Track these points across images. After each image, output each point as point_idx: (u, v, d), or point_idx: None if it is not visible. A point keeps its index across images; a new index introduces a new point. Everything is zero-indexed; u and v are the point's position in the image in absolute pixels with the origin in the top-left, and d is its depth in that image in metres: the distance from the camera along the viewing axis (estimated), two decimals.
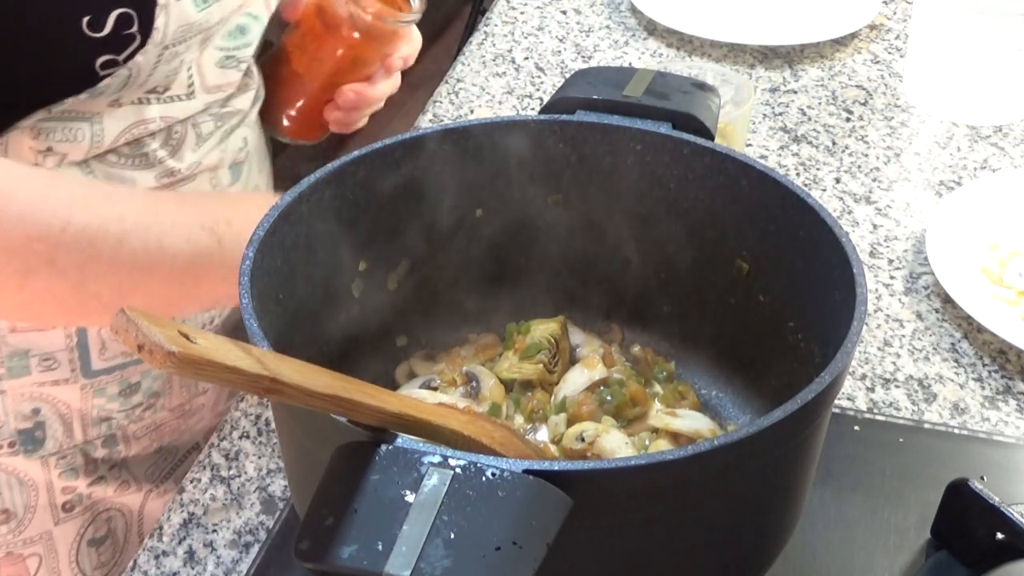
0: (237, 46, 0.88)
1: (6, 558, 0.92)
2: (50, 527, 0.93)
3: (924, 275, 1.02)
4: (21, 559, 0.92)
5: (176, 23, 0.78)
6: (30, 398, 0.88)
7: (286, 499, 0.81)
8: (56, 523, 0.93)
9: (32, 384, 0.87)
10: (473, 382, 0.78)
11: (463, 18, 3.05)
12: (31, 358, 0.86)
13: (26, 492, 0.91)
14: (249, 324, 0.59)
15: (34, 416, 0.89)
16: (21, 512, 0.91)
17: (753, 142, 1.20)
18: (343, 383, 0.51)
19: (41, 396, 0.88)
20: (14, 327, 0.85)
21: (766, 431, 0.54)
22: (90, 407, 0.90)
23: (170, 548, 0.78)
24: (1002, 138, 1.22)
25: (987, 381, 0.91)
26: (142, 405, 0.94)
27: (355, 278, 0.76)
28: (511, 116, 0.78)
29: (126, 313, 0.44)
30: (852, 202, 1.12)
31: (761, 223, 0.73)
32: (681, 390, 0.80)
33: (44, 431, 0.89)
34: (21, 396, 0.88)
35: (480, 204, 0.78)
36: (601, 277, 0.82)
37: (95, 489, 0.94)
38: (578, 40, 1.41)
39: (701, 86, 0.80)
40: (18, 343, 0.86)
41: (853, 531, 0.76)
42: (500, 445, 0.60)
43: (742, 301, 0.76)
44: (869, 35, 1.41)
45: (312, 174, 0.70)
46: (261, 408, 0.89)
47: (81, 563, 0.95)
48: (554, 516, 0.49)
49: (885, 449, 0.82)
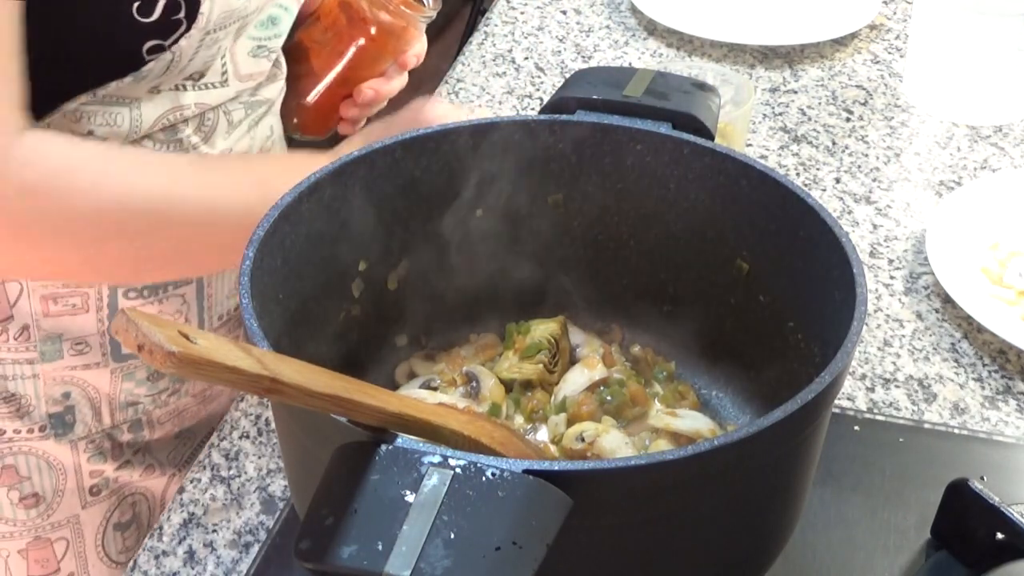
0: (268, 36, 0.90)
1: (34, 542, 0.93)
2: (78, 511, 0.94)
3: (924, 275, 1.02)
4: (49, 543, 0.94)
5: (220, 9, 0.80)
6: (61, 382, 0.90)
7: (286, 499, 0.81)
8: (83, 507, 0.94)
9: (64, 368, 0.89)
10: (473, 382, 0.78)
11: (463, 18, 3.05)
12: (64, 342, 0.88)
13: (55, 475, 0.92)
14: (249, 324, 0.59)
15: (64, 400, 0.90)
16: (50, 496, 0.93)
17: (753, 142, 1.20)
18: (343, 383, 0.51)
19: (72, 380, 0.90)
20: (47, 311, 0.87)
21: (766, 431, 0.54)
22: (118, 391, 0.92)
23: (170, 548, 0.78)
24: (1002, 138, 1.22)
25: (987, 381, 0.91)
26: (168, 390, 0.95)
27: (355, 278, 0.76)
28: (511, 116, 0.78)
29: (126, 313, 0.44)
30: (852, 202, 1.12)
31: (761, 223, 0.73)
32: (681, 390, 0.80)
33: (74, 415, 0.91)
34: (53, 380, 0.89)
35: (480, 204, 0.78)
36: (601, 277, 0.82)
37: (122, 473, 0.96)
38: (578, 40, 1.41)
39: (701, 86, 0.80)
40: (51, 327, 0.87)
41: (853, 531, 0.76)
42: (500, 445, 0.60)
43: (742, 301, 0.76)
44: (869, 35, 1.41)
45: (312, 174, 0.70)
46: (261, 408, 0.89)
47: (107, 547, 0.97)
48: (554, 516, 0.49)
49: (885, 449, 0.82)
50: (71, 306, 0.87)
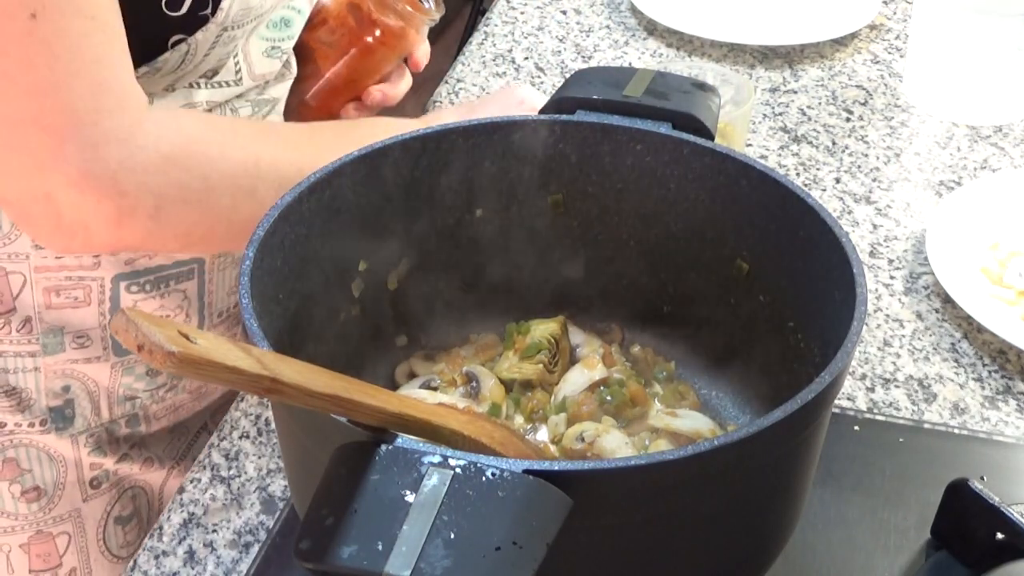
0: (281, 37, 0.91)
1: (36, 536, 0.93)
2: (79, 504, 0.94)
3: (924, 275, 1.02)
4: (51, 538, 0.94)
5: (239, 5, 0.81)
6: (62, 375, 0.90)
7: (286, 499, 0.81)
8: (84, 500, 0.95)
9: (66, 361, 0.89)
10: (473, 382, 0.78)
11: (463, 18, 3.05)
12: (66, 335, 0.88)
13: (56, 468, 0.93)
14: (249, 324, 0.59)
15: (64, 393, 0.91)
16: (51, 489, 0.93)
17: (753, 142, 1.20)
18: (343, 383, 0.51)
19: (72, 373, 0.90)
20: (50, 304, 0.87)
21: (766, 431, 0.54)
22: (117, 385, 0.93)
23: (170, 548, 0.78)
24: (1002, 138, 1.22)
25: (987, 381, 0.91)
26: (165, 385, 0.96)
27: (355, 278, 0.76)
28: (511, 116, 0.78)
29: (125, 313, 0.44)
30: (852, 202, 1.12)
31: (761, 223, 0.73)
32: (681, 390, 0.80)
33: (73, 409, 0.91)
34: (54, 373, 0.89)
35: (480, 204, 0.78)
36: (601, 277, 0.82)
37: (121, 466, 0.96)
38: (578, 40, 1.41)
39: (701, 86, 0.80)
40: (53, 320, 0.88)
41: (853, 531, 0.76)
42: (500, 445, 0.60)
43: (742, 301, 0.76)
44: (869, 35, 1.41)
45: (312, 174, 0.70)
46: (261, 408, 0.89)
47: (108, 541, 0.97)
48: (554, 516, 0.49)
49: (885, 449, 0.82)
50: (73, 299, 0.87)
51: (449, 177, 0.76)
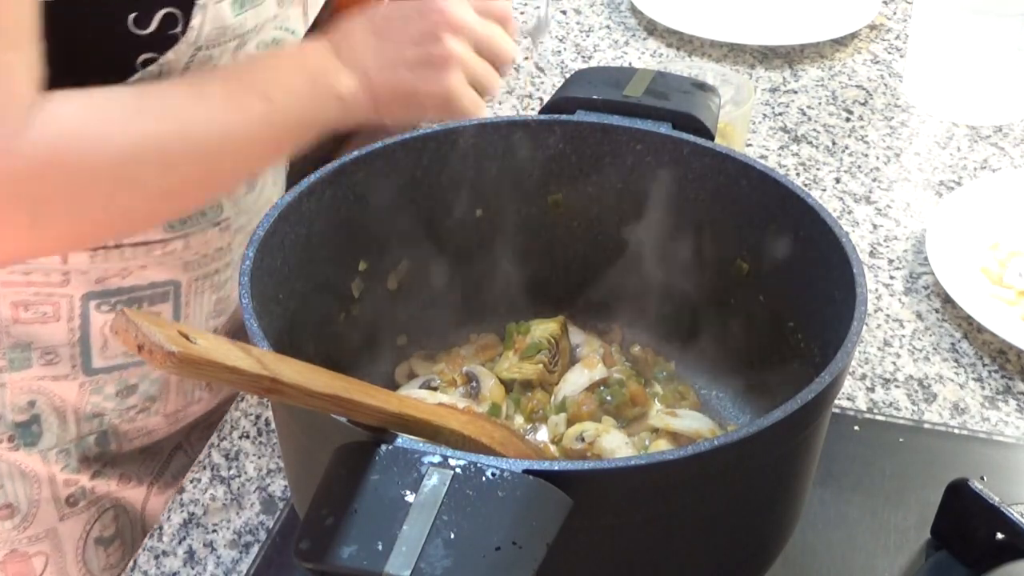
0: None
1: (11, 555, 0.91)
2: (55, 523, 0.92)
3: (924, 275, 1.02)
4: (27, 558, 0.91)
5: (211, 24, 0.79)
6: (28, 391, 0.88)
7: (286, 499, 0.81)
8: (61, 519, 0.92)
9: (32, 378, 0.87)
10: (473, 382, 0.78)
11: None
12: (33, 351, 0.86)
13: (28, 485, 0.90)
14: (249, 324, 0.59)
15: (30, 409, 0.88)
16: (25, 507, 0.90)
17: (753, 142, 1.20)
18: (343, 383, 0.51)
19: (39, 389, 0.88)
20: (17, 318, 0.85)
21: (766, 431, 0.54)
22: (85, 403, 0.90)
23: (170, 548, 0.78)
24: (1002, 138, 1.22)
25: (987, 381, 0.91)
26: (136, 407, 0.93)
27: (355, 278, 0.76)
28: (511, 116, 0.78)
29: (125, 314, 0.44)
30: (852, 202, 1.12)
31: (761, 223, 0.73)
32: (681, 390, 0.80)
33: (40, 425, 0.89)
34: (20, 390, 0.87)
35: (480, 204, 0.78)
36: (601, 277, 0.82)
37: (98, 483, 0.93)
38: (578, 40, 1.41)
39: (701, 86, 0.80)
40: (20, 335, 0.86)
41: (853, 531, 0.76)
42: (500, 445, 0.60)
43: (742, 301, 0.76)
44: (869, 35, 1.41)
45: (312, 174, 0.70)
46: (261, 408, 0.89)
47: (88, 563, 0.94)
48: (554, 516, 0.49)
49: (885, 449, 0.82)
50: (42, 314, 0.85)
51: (449, 177, 0.76)
